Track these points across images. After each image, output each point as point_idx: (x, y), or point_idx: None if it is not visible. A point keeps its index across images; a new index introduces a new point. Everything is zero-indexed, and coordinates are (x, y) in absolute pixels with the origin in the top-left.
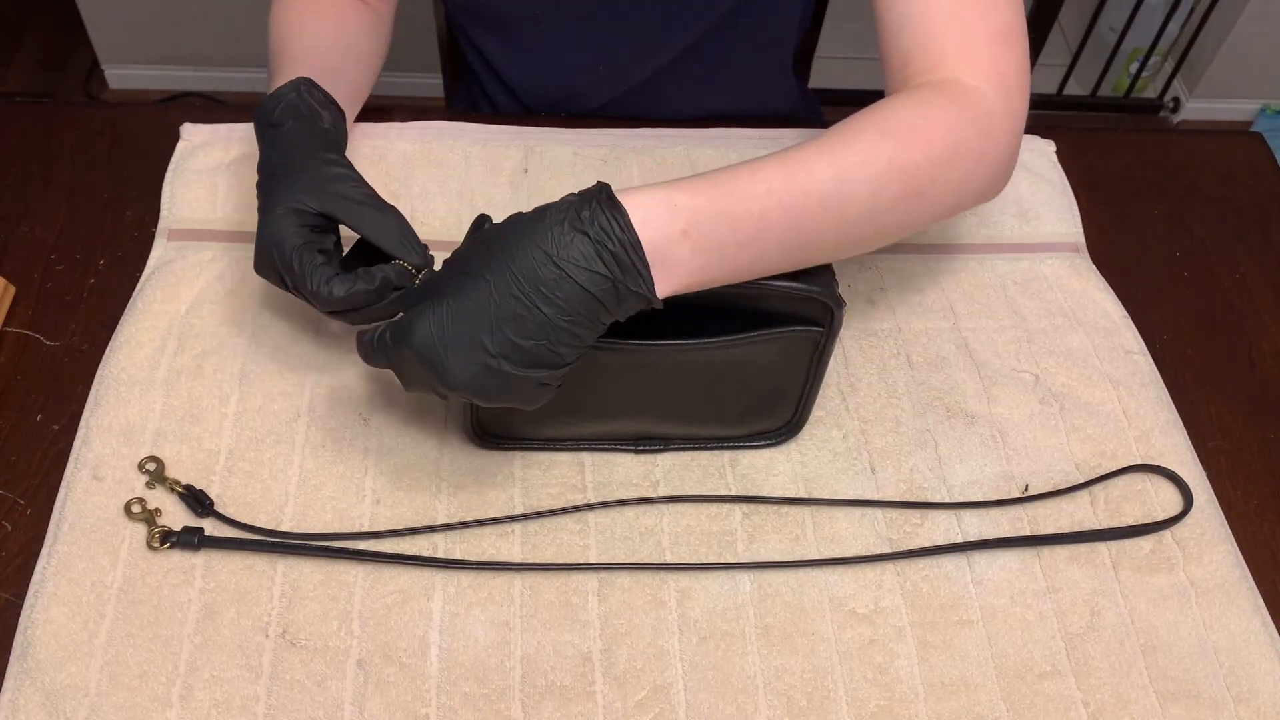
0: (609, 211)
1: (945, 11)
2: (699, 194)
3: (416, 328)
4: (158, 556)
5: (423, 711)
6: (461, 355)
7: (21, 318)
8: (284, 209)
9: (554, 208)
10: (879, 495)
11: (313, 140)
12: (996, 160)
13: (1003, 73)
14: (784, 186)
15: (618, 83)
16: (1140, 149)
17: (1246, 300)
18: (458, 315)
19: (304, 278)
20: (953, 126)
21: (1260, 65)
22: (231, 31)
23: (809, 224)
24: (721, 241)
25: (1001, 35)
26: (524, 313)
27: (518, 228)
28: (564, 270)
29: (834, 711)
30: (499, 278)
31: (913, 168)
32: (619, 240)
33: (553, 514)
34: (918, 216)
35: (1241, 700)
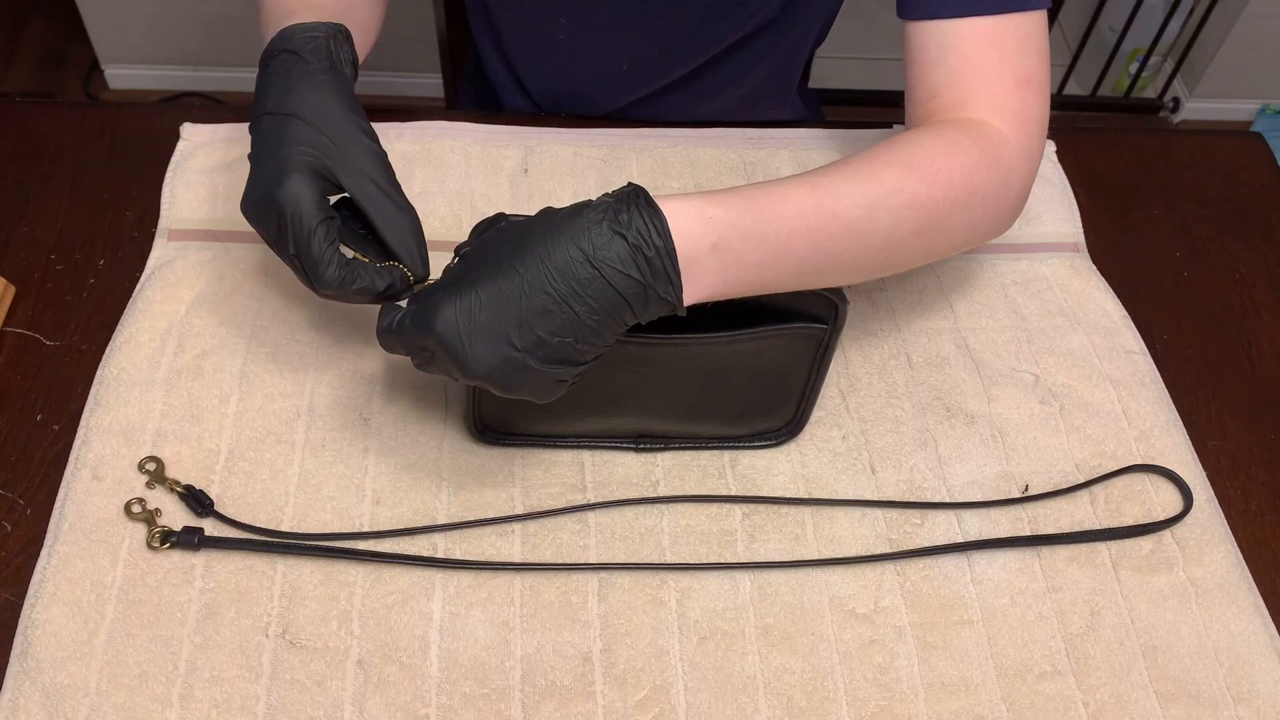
0: (648, 216)
1: (979, 52)
2: (732, 209)
3: (442, 313)
4: (158, 556)
5: (423, 711)
6: (486, 346)
7: (21, 318)
8: (308, 172)
9: (592, 207)
10: (879, 495)
11: (346, 103)
12: (1009, 202)
13: (1025, 116)
14: (813, 211)
15: (633, 90)
16: (1140, 149)
17: (1246, 300)
18: (486, 305)
19: (319, 260)
20: (974, 169)
21: (1260, 65)
22: (231, 31)
23: (831, 249)
24: (746, 258)
25: (1028, 80)
26: (554, 309)
27: (553, 223)
28: (599, 270)
29: (834, 711)
30: (532, 272)
31: (932, 204)
32: (655, 246)
33: (553, 514)
34: (930, 252)
35: (1241, 700)
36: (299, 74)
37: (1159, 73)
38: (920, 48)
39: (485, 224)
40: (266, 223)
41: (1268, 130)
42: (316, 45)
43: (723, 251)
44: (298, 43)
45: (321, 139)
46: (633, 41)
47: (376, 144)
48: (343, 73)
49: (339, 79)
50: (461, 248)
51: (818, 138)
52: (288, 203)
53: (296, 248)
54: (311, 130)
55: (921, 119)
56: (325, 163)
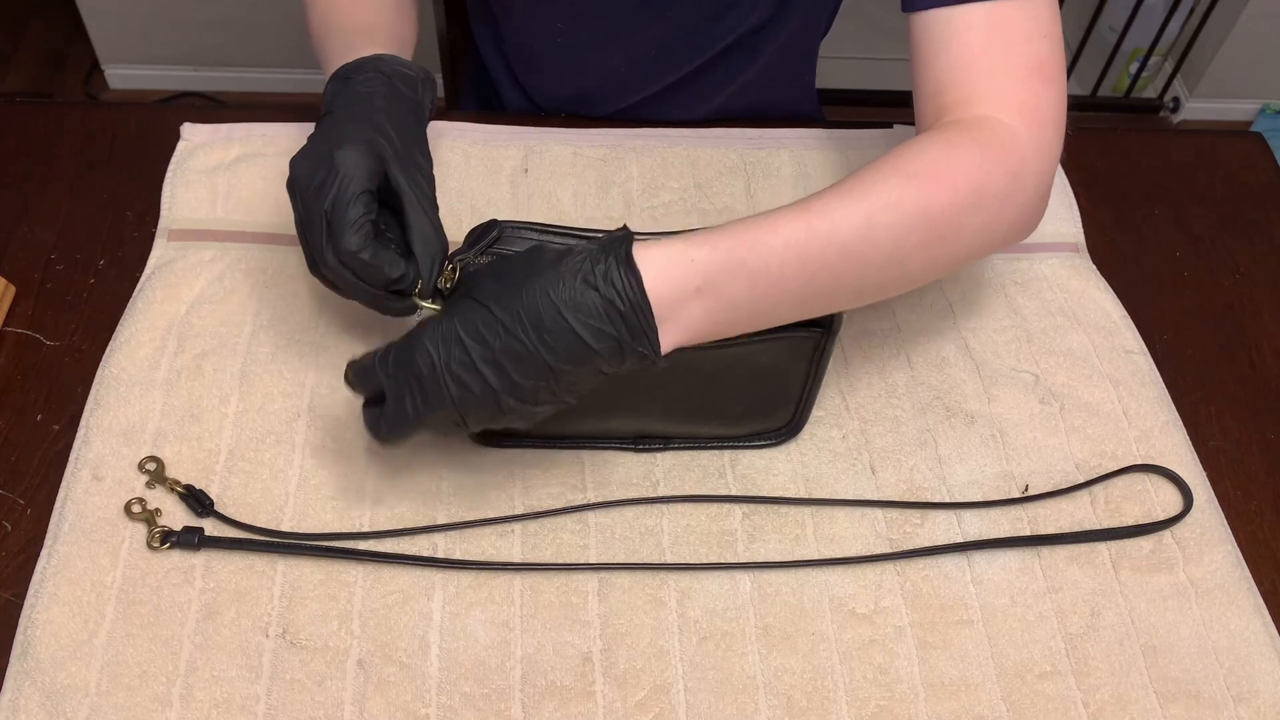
0: (623, 271)
1: (981, 43)
2: (716, 248)
3: (421, 348)
4: (158, 556)
5: (423, 711)
6: (463, 380)
7: (21, 318)
8: (371, 150)
9: (573, 255)
10: (879, 495)
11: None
12: (1025, 201)
13: (1036, 108)
14: (803, 238)
15: (634, 91)
16: (1140, 149)
17: (1246, 300)
18: (463, 340)
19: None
20: (978, 169)
21: (1260, 65)
22: (231, 31)
23: (828, 274)
24: (736, 297)
25: (1038, 69)
26: (526, 356)
27: (533, 267)
28: (569, 323)
29: (834, 711)
30: (506, 315)
31: (937, 212)
32: (629, 301)
33: (553, 514)
34: (943, 261)
35: (1241, 700)
36: (383, 85)
37: (1159, 73)
38: (923, 41)
39: (480, 230)
40: (314, 175)
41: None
42: (405, 77)
43: (709, 294)
44: (389, 68)
45: (391, 137)
46: (631, 43)
47: (430, 168)
48: (422, 105)
49: (420, 111)
50: (455, 256)
51: (818, 138)
52: (343, 162)
53: (333, 205)
54: (385, 128)
55: (929, 120)
56: (387, 155)
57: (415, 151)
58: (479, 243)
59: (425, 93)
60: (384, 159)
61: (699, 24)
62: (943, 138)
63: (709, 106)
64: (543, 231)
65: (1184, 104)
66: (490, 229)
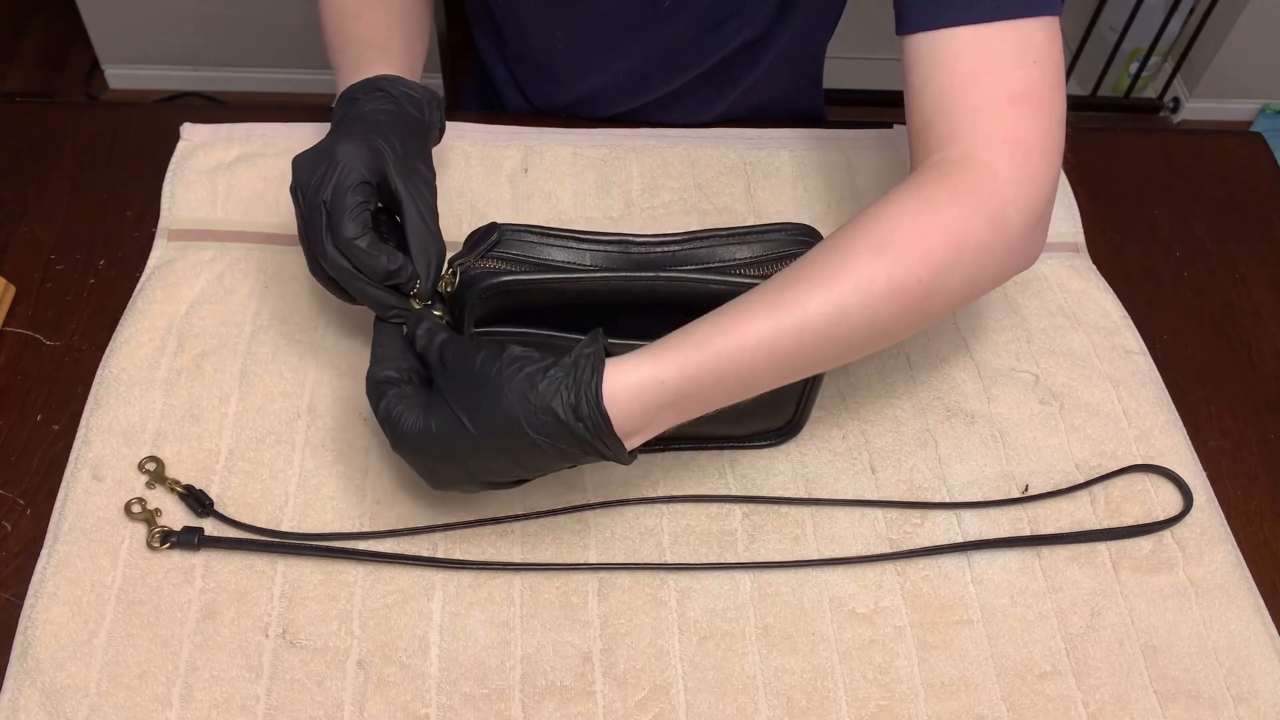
0: (594, 411)
1: (966, 69)
2: (687, 364)
3: (403, 429)
4: (158, 556)
5: (423, 711)
6: (438, 467)
7: (21, 318)
8: (371, 149)
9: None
10: (879, 495)
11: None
12: (1009, 243)
13: (1019, 138)
14: (773, 333)
15: (633, 99)
16: (1140, 149)
17: (1246, 300)
18: (438, 440)
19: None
20: (953, 225)
21: (1260, 65)
22: (231, 31)
23: (801, 359)
24: (707, 400)
25: (1024, 95)
26: (495, 462)
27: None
28: (540, 448)
29: (834, 711)
30: (481, 429)
31: (913, 283)
32: (600, 438)
33: (553, 514)
34: (924, 322)
35: (1241, 700)
36: (388, 103)
37: (1159, 73)
38: (914, 69)
39: (480, 233)
40: (314, 169)
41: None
42: (412, 99)
43: (680, 405)
44: (396, 89)
45: (393, 143)
46: (630, 52)
47: (432, 179)
48: (428, 125)
49: (425, 130)
50: (455, 260)
51: (818, 138)
52: (342, 156)
53: (332, 194)
54: (388, 135)
55: (919, 156)
56: (387, 156)
57: (417, 161)
58: (479, 246)
59: (432, 114)
60: (383, 158)
61: (699, 34)
62: (918, 195)
63: (712, 112)
64: (543, 235)
65: (1184, 104)
66: (490, 232)
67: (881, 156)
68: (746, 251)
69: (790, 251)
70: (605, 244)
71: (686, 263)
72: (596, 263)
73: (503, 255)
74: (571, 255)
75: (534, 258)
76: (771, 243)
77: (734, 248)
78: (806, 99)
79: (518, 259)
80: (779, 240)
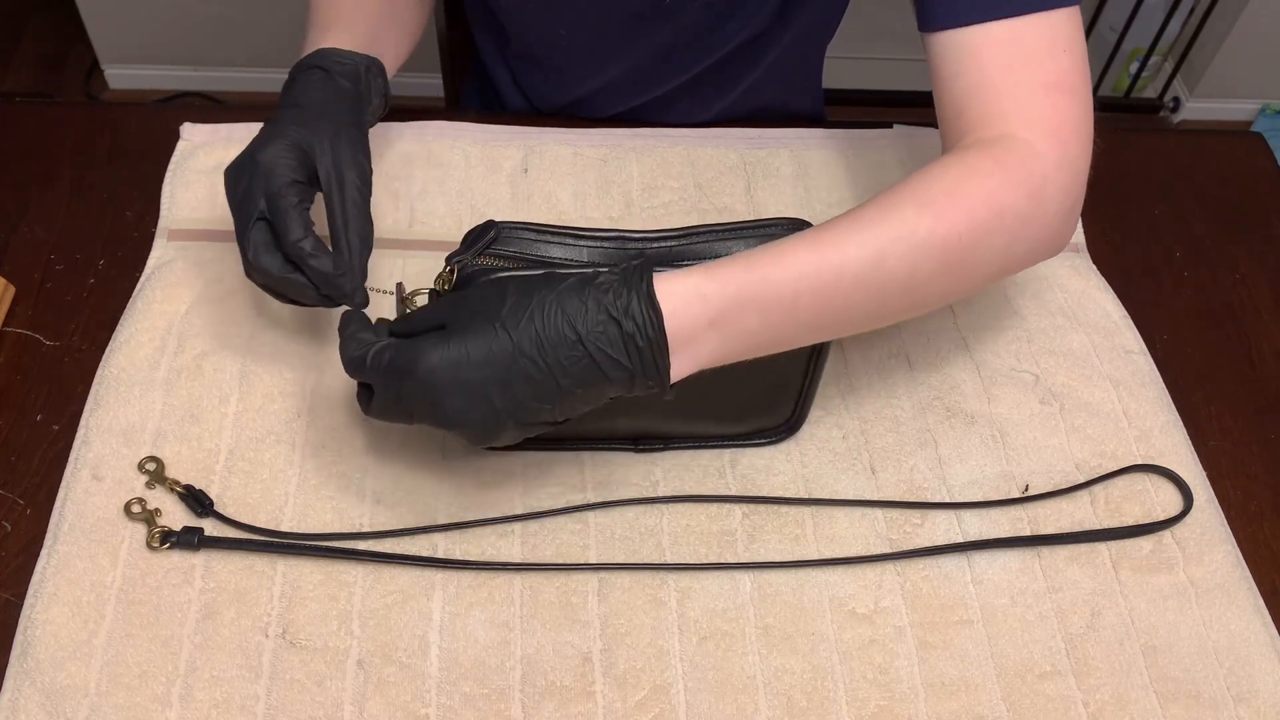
0: (644, 306)
1: (998, 61)
2: (729, 283)
3: (427, 359)
4: (158, 556)
5: (423, 711)
6: (466, 399)
7: (21, 318)
8: (293, 144)
9: (594, 286)
10: (879, 495)
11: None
12: (1047, 220)
13: (1059, 124)
14: (815, 268)
15: (633, 98)
16: (1140, 149)
17: (1246, 300)
18: (474, 362)
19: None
20: (996, 191)
21: (1260, 65)
22: (231, 31)
23: (841, 302)
24: (749, 328)
25: (1058, 84)
26: (539, 377)
27: (552, 294)
28: (589, 351)
29: (834, 711)
30: (525, 341)
31: (954, 239)
32: (648, 338)
33: (553, 514)
34: (960, 286)
35: (1241, 700)
36: (320, 83)
37: (1159, 73)
38: (941, 63)
39: (477, 231)
40: (239, 180)
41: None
42: (345, 69)
43: (722, 326)
44: (330, 62)
45: (318, 128)
46: (630, 51)
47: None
48: (362, 96)
49: (355, 98)
50: (453, 257)
51: (818, 138)
52: (265, 161)
53: (268, 203)
54: (312, 119)
55: (952, 141)
56: (312, 145)
57: (343, 139)
58: (476, 244)
59: (371, 81)
60: (307, 150)
61: (698, 33)
62: (961, 161)
63: (710, 112)
64: (539, 232)
65: (1184, 104)
66: (488, 230)
67: (881, 156)
68: (742, 246)
69: None
70: (602, 240)
71: (683, 258)
72: (593, 259)
73: (500, 252)
74: (568, 252)
75: (531, 254)
76: (767, 237)
77: (730, 242)
78: (806, 99)
79: (515, 256)
80: (774, 235)
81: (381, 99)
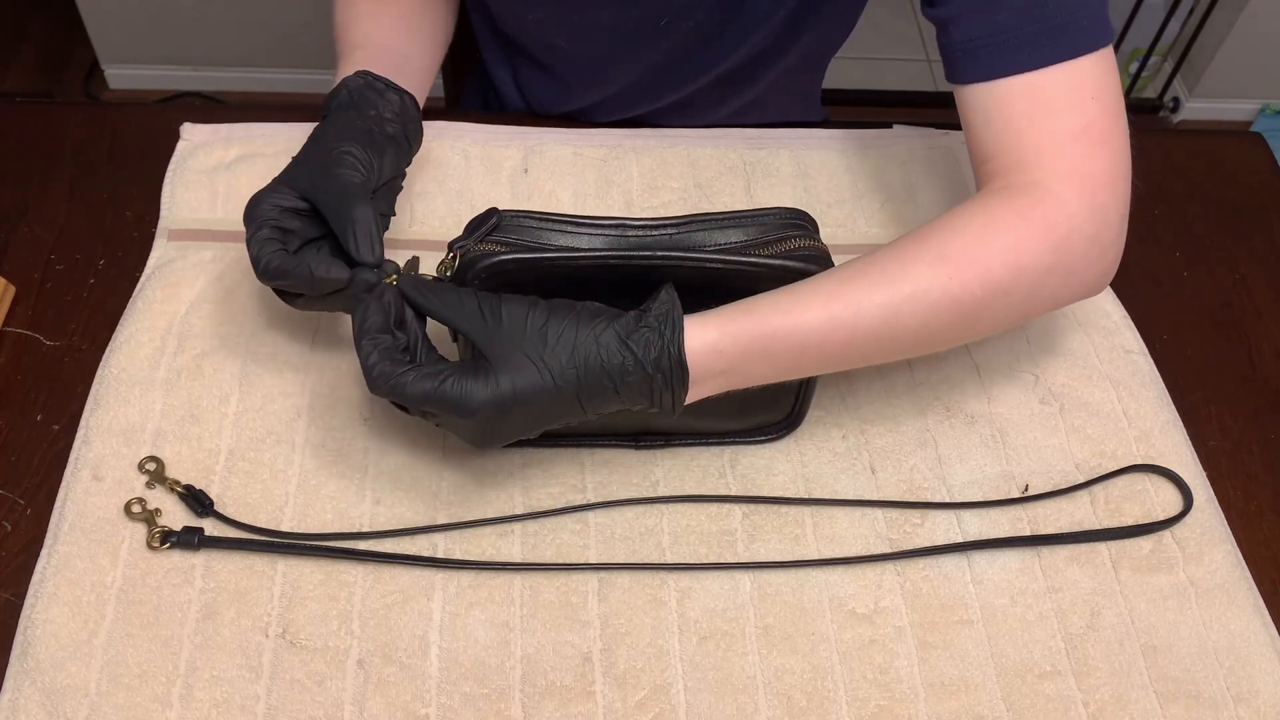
0: (674, 366)
1: (1024, 111)
2: (741, 338)
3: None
4: (158, 556)
5: (423, 711)
6: (507, 432)
7: (21, 318)
8: (282, 184)
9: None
10: (879, 495)
11: (343, 130)
12: (1072, 269)
13: (1087, 173)
14: (827, 327)
15: (636, 106)
16: (1140, 149)
17: (1246, 300)
18: (519, 401)
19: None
20: (1015, 247)
21: (1260, 65)
22: (231, 31)
23: (850, 355)
24: (755, 373)
25: (1085, 132)
26: (572, 409)
27: (589, 332)
28: (618, 391)
29: (834, 711)
30: (565, 383)
31: (969, 297)
32: (672, 388)
33: (553, 514)
34: (969, 336)
35: (1241, 700)
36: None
37: (1159, 73)
38: (969, 112)
39: (479, 219)
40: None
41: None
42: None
43: (730, 375)
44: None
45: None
46: (631, 63)
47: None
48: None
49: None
50: (455, 244)
51: (818, 138)
52: (252, 201)
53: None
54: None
55: (984, 180)
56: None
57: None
58: (478, 230)
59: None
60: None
61: (694, 52)
62: (985, 212)
63: (709, 121)
64: (542, 220)
65: (1184, 104)
66: (489, 217)
67: (881, 156)
68: (740, 234)
69: (782, 235)
70: (603, 228)
71: (682, 245)
72: (594, 245)
73: (501, 239)
74: (570, 239)
75: (532, 241)
76: (764, 226)
77: (728, 230)
78: (806, 111)
79: (516, 243)
80: (771, 223)
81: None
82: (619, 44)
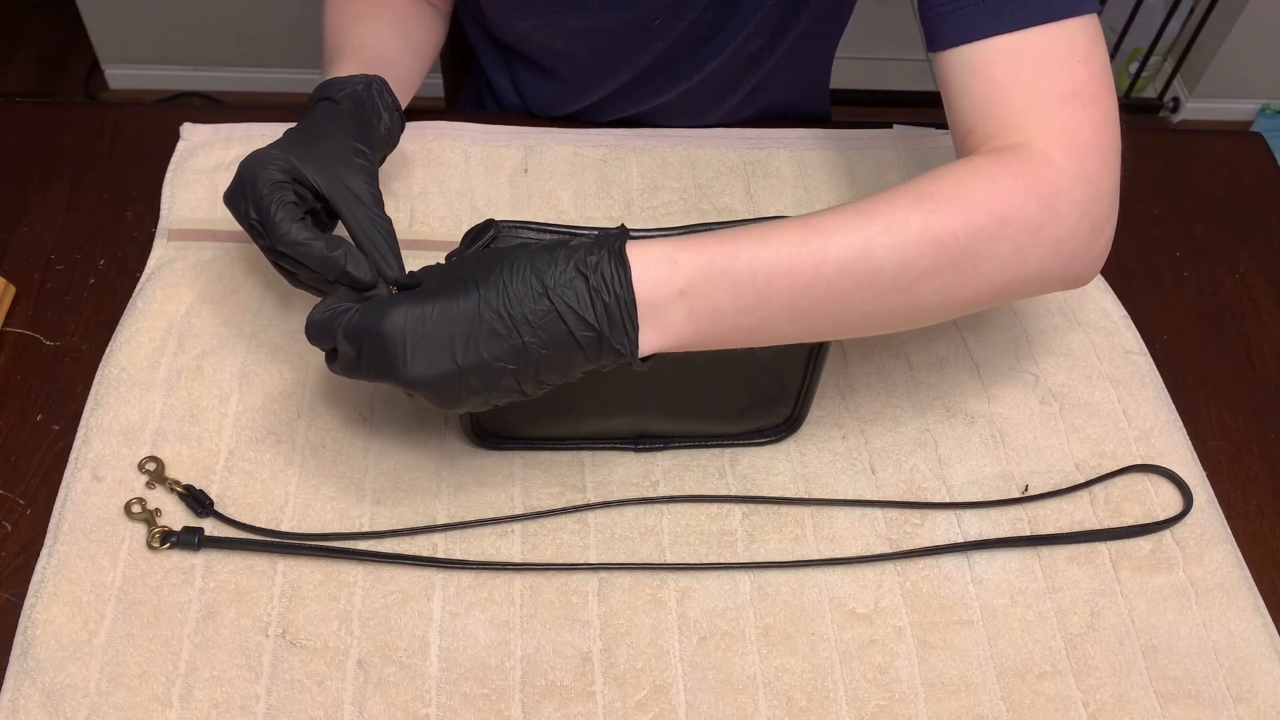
0: (614, 263)
1: (1008, 74)
2: (701, 253)
3: (393, 313)
4: (158, 556)
5: (423, 711)
6: (429, 353)
7: (21, 318)
8: (279, 156)
9: (568, 246)
10: (879, 495)
11: (356, 130)
12: (1063, 235)
13: (1074, 134)
14: (795, 251)
15: (635, 104)
16: (1140, 149)
17: (1246, 300)
18: (438, 317)
19: (268, 208)
20: (1000, 195)
21: (1260, 65)
22: (231, 31)
23: (824, 292)
24: (720, 305)
25: (1075, 94)
26: (503, 333)
27: (524, 254)
28: (554, 305)
29: (834, 711)
30: (490, 294)
31: (949, 238)
32: (615, 294)
33: (553, 514)
34: (960, 293)
35: (1241, 700)
36: (321, 110)
37: (1159, 73)
38: (949, 80)
39: (476, 230)
40: (236, 198)
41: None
42: (350, 92)
43: (692, 297)
44: (332, 89)
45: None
46: (626, 65)
47: (368, 162)
48: (369, 116)
49: (358, 118)
50: (450, 256)
51: (818, 138)
52: (247, 170)
53: (254, 208)
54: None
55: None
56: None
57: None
58: (475, 242)
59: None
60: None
61: (691, 48)
62: (967, 163)
63: (713, 117)
64: (539, 230)
65: (1184, 104)
66: (487, 228)
67: (881, 156)
68: None
69: None
70: None
71: None
72: None
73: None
74: None
75: None
76: None
77: None
78: (811, 101)
79: None
80: None
81: (391, 111)
82: (617, 45)
